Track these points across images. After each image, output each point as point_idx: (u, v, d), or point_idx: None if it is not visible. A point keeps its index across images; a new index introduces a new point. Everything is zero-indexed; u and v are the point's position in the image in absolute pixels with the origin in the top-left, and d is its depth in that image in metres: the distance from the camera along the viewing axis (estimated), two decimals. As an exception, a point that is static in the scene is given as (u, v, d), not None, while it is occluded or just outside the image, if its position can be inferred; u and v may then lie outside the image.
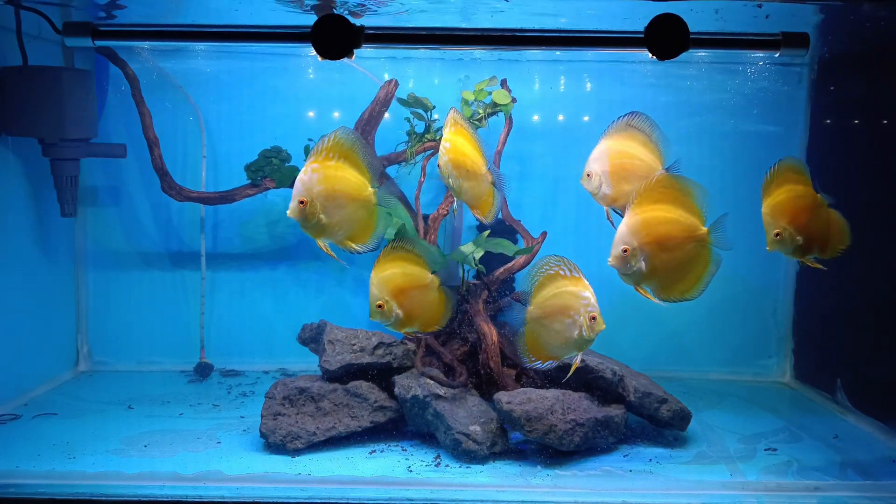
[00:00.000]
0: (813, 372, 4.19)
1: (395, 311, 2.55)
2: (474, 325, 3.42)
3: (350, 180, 2.47)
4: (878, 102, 3.71)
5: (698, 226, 2.62)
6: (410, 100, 3.71)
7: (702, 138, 4.22)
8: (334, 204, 2.43)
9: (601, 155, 2.76)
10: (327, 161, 2.43)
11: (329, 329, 3.48)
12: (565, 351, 2.70)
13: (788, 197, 2.72)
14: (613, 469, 3.01)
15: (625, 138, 2.76)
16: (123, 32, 2.91)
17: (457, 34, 2.68)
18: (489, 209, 2.93)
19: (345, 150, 2.47)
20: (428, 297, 2.68)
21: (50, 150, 3.52)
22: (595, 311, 2.59)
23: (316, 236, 2.50)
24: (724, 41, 2.76)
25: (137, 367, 4.21)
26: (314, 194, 2.40)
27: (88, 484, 2.74)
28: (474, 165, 2.85)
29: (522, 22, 3.43)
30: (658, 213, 2.59)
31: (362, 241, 2.56)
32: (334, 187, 2.43)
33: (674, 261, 2.60)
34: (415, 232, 3.55)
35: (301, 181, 2.41)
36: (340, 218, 2.47)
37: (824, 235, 2.76)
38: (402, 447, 3.17)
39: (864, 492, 2.86)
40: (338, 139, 2.46)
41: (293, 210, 2.44)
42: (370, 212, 2.55)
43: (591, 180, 2.78)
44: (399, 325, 2.62)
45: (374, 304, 2.54)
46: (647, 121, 2.75)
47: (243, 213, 4.18)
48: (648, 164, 2.73)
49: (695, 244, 2.61)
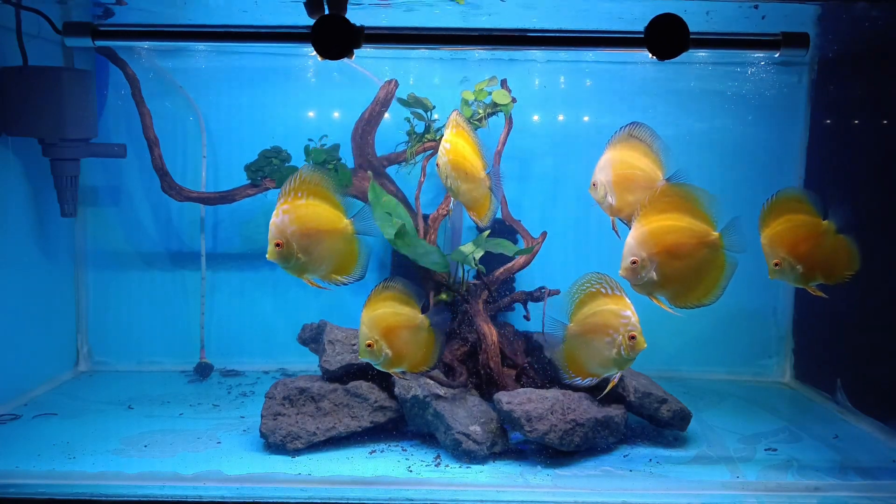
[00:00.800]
0: (813, 372, 4.19)
1: (385, 351, 2.56)
2: (474, 325, 3.42)
3: (323, 215, 2.47)
4: (878, 102, 3.71)
5: (709, 231, 2.62)
6: (410, 100, 3.71)
7: (702, 138, 4.22)
8: (311, 241, 2.44)
9: (606, 165, 2.78)
10: (297, 200, 2.43)
11: (329, 329, 3.48)
12: (605, 369, 2.71)
13: (786, 227, 2.73)
14: (613, 469, 3.01)
15: (627, 148, 2.77)
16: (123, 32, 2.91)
17: (457, 34, 2.67)
18: (485, 212, 2.95)
19: (312, 187, 2.47)
20: (417, 338, 2.68)
21: (50, 150, 3.52)
22: (635, 330, 2.59)
23: (299, 275, 2.49)
24: (724, 41, 2.75)
25: (137, 367, 4.22)
26: (288, 235, 2.41)
27: (88, 484, 2.74)
28: (473, 168, 2.87)
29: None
30: (666, 223, 2.60)
31: (347, 272, 2.56)
32: (307, 225, 2.43)
33: (687, 268, 2.60)
34: (415, 232, 3.55)
35: (274, 224, 2.41)
36: (320, 253, 2.47)
37: (828, 262, 2.75)
38: (402, 447, 3.17)
39: (864, 492, 2.86)
40: (303, 177, 2.46)
41: (271, 254, 2.44)
42: (349, 242, 2.54)
43: (597, 190, 2.79)
44: (388, 364, 2.61)
45: (364, 342, 2.54)
46: (648, 131, 2.77)
47: (243, 213, 4.18)
48: (649, 174, 2.74)
49: (708, 249, 2.61)
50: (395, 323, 2.61)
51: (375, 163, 3.77)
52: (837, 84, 4.07)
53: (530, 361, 3.49)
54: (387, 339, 2.56)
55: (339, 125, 4.09)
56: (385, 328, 2.57)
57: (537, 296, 3.54)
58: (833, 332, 4.02)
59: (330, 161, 3.74)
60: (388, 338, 2.56)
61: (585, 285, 2.71)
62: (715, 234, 2.62)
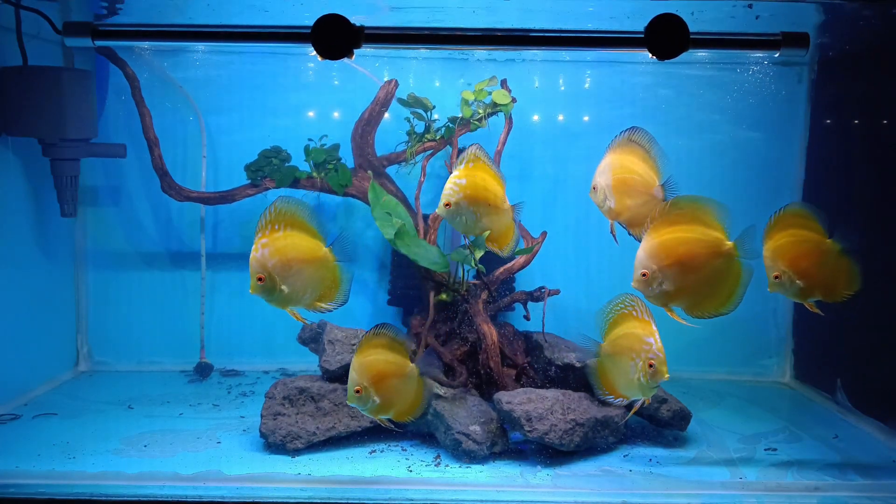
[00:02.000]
0: (813, 372, 4.19)
1: (373, 398, 2.55)
2: (474, 325, 3.42)
3: (301, 245, 2.47)
4: (878, 102, 3.71)
5: (723, 241, 2.61)
6: (410, 100, 3.71)
7: (702, 138, 4.22)
8: (292, 272, 2.44)
9: (606, 169, 2.79)
10: (274, 233, 2.43)
11: (329, 329, 3.48)
12: (631, 392, 2.72)
13: (790, 241, 2.73)
14: (613, 469, 3.01)
15: (626, 153, 2.78)
16: (123, 32, 2.91)
17: (457, 34, 2.67)
18: (508, 242, 2.96)
19: (289, 218, 2.48)
20: (406, 387, 2.67)
21: (50, 150, 3.52)
22: (656, 358, 2.58)
23: (283, 306, 2.50)
24: (724, 41, 2.75)
25: (137, 367, 4.22)
26: (269, 268, 2.41)
27: (88, 484, 2.74)
28: (496, 199, 2.86)
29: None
30: (677, 235, 2.59)
31: (330, 298, 2.57)
32: (287, 256, 2.43)
33: (702, 279, 2.60)
34: (415, 232, 3.55)
35: (254, 258, 2.41)
36: (302, 284, 2.48)
37: (829, 280, 2.76)
38: (402, 447, 3.17)
39: (864, 492, 2.86)
40: (278, 209, 2.46)
41: (254, 288, 2.44)
42: (330, 270, 2.56)
43: (597, 193, 2.80)
44: (375, 411, 2.60)
45: (353, 388, 2.53)
46: (646, 136, 2.78)
47: (243, 213, 4.18)
48: (646, 179, 2.75)
49: (722, 259, 2.60)
50: (385, 371, 2.60)
51: (375, 163, 3.77)
52: (837, 84, 4.07)
53: (530, 361, 3.49)
54: (376, 387, 2.55)
55: (339, 125, 4.09)
56: (375, 375, 2.56)
57: (537, 296, 3.54)
58: (833, 332, 4.01)
59: (330, 161, 3.75)
60: (377, 385, 2.55)
61: (619, 306, 2.73)
62: (729, 243, 2.61)
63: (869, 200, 3.73)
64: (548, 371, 3.39)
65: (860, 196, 3.81)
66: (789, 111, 4.23)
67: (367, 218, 4.12)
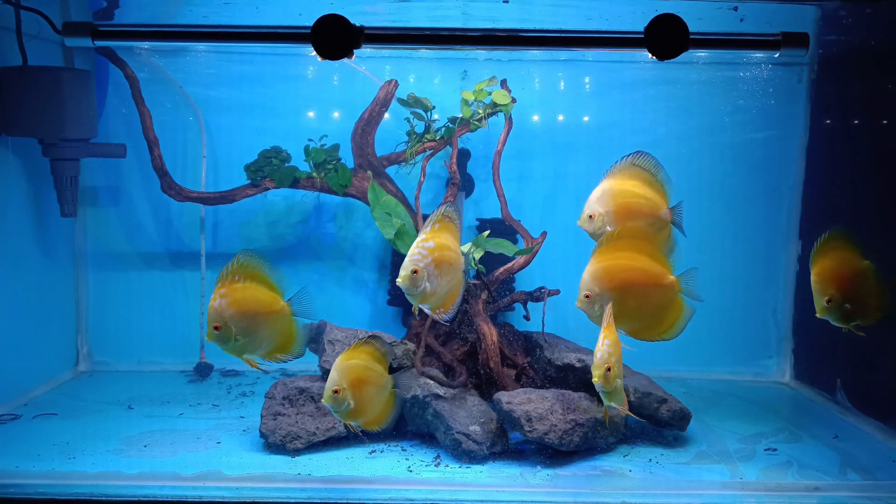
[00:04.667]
0: (813, 372, 4.19)
1: (349, 401, 2.59)
2: (474, 325, 3.42)
3: (260, 298, 2.54)
4: (878, 102, 3.71)
5: (665, 274, 2.66)
6: (410, 100, 3.71)
7: (701, 138, 4.22)
8: (249, 323, 2.51)
9: (604, 195, 2.76)
10: (234, 284, 2.50)
11: (329, 329, 3.48)
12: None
13: (836, 265, 2.72)
14: (613, 469, 3.01)
15: (629, 177, 2.76)
16: (123, 32, 2.92)
17: (457, 34, 2.68)
18: (454, 302, 2.78)
19: (249, 271, 2.54)
20: (380, 397, 2.73)
21: (50, 150, 3.52)
22: (597, 363, 2.55)
23: (239, 355, 2.56)
24: (723, 41, 2.76)
25: (137, 367, 4.21)
26: (227, 318, 2.48)
27: (88, 484, 2.74)
28: (457, 258, 2.73)
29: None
30: (621, 262, 2.64)
31: (286, 351, 2.64)
32: (244, 308, 2.50)
33: (642, 306, 2.67)
34: (415, 232, 3.55)
35: (212, 307, 2.48)
36: (258, 335, 2.55)
37: (869, 302, 2.76)
38: (401, 447, 3.17)
39: (864, 492, 2.86)
40: (240, 262, 2.53)
41: (209, 336, 2.51)
42: (287, 323, 2.62)
43: (594, 221, 2.76)
44: (347, 414, 2.64)
45: (332, 387, 2.57)
46: (651, 160, 2.76)
47: (243, 213, 4.18)
48: (653, 202, 2.73)
49: (663, 291, 2.66)
50: (365, 377, 2.65)
51: (375, 163, 3.77)
52: (837, 84, 4.07)
53: (530, 361, 3.49)
54: (353, 390, 2.59)
55: (339, 125, 4.09)
56: (355, 379, 2.60)
57: (537, 296, 3.54)
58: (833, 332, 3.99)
59: (330, 161, 3.75)
60: (354, 389, 2.60)
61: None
62: (671, 277, 2.67)
63: (869, 200, 3.73)
64: (548, 371, 3.39)
65: (860, 196, 3.81)
66: (789, 111, 4.23)
67: (367, 218, 4.12)
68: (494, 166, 3.74)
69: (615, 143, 4.23)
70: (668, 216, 2.70)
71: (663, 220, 2.71)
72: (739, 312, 4.32)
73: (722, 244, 4.25)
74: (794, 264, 4.30)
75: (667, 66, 4.13)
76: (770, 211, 4.30)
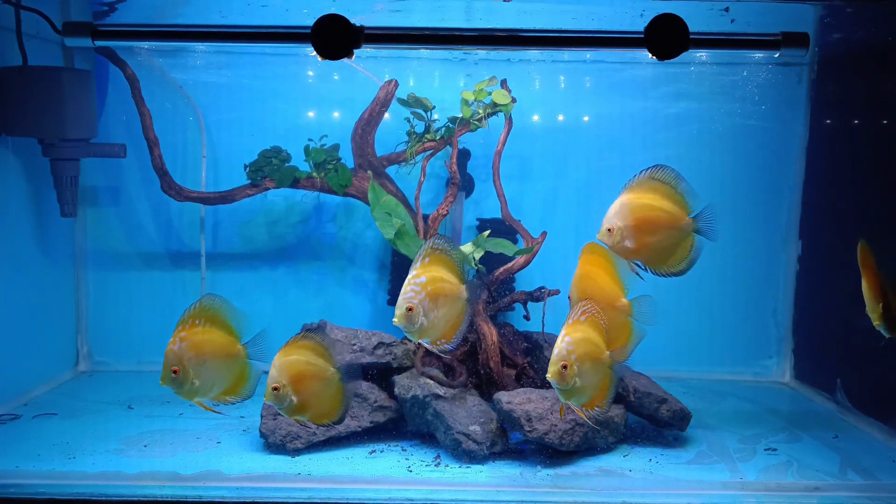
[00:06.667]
0: (813, 372, 4.19)
1: (290, 397, 2.59)
2: (474, 325, 3.42)
3: (218, 342, 2.58)
4: (878, 102, 3.71)
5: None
6: (410, 100, 3.71)
7: (702, 138, 4.22)
8: (206, 367, 2.54)
9: (622, 209, 2.74)
10: (194, 328, 2.54)
11: (329, 329, 3.48)
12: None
13: (881, 276, 2.73)
14: (613, 469, 3.01)
15: (648, 191, 2.75)
16: (123, 32, 2.91)
17: (457, 34, 2.68)
18: (457, 330, 2.75)
19: (210, 314, 2.58)
20: (326, 390, 2.70)
21: (50, 150, 3.52)
22: (555, 360, 2.51)
23: (191, 398, 2.58)
24: (724, 41, 2.76)
25: (137, 367, 4.21)
26: (185, 362, 2.51)
27: (88, 484, 2.74)
28: (453, 288, 2.70)
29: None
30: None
31: (235, 393, 2.67)
32: (203, 351, 2.54)
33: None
34: (415, 232, 3.55)
35: (171, 350, 2.51)
36: (214, 378, 2.58)
37: None
38: (401, 447, 3.17)
39: (864, 492, 2.86)
40: (202, 306, 2.58)
41: (165, 379, 2.53)
42: (241, 366, 2.66)
43: (612, 235, 2.74)
44: (291, 410, 2.63)
45: (271, 385, 2.58)
46: (671, 173, 2.74)
47: (243, 213, 4.18)
48: (674, 214, 2.72)
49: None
50: (305, 372, 2.64)
51: (375, 163, 3.77)
52: (837, 84, 4.07)
53: (530, 361, 3.49)
54: (294, 386, 2.59)
55: (339, 125, 4.09)
56: (294, 375, 2.60)
57: (537, 296, 3.54)
58: (833, 332, 4.01)
59: (330, 161, 3.75)
60: (295, 385, 2.60)
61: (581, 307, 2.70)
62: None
63: (869, 200, 3.73)
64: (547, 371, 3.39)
65: (860, 196, 3.81)
66: (789, 111, 4.23)
67: (367, 218, 4.12)
68: (494, 166, 3.74)
69: (615, 144, 4.23)
70: (689, 226, 2.71)
71: (684, 231, 2.72)
72: (739, 312, 4.32)
73: (722, 244, 4.22)
74: (794, 264, 4.30)
75: (666, 66, 4.13)
76: (770, 211, 4.30)
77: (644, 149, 4.24)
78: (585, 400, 2.62)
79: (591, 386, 2.59)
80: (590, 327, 2.62)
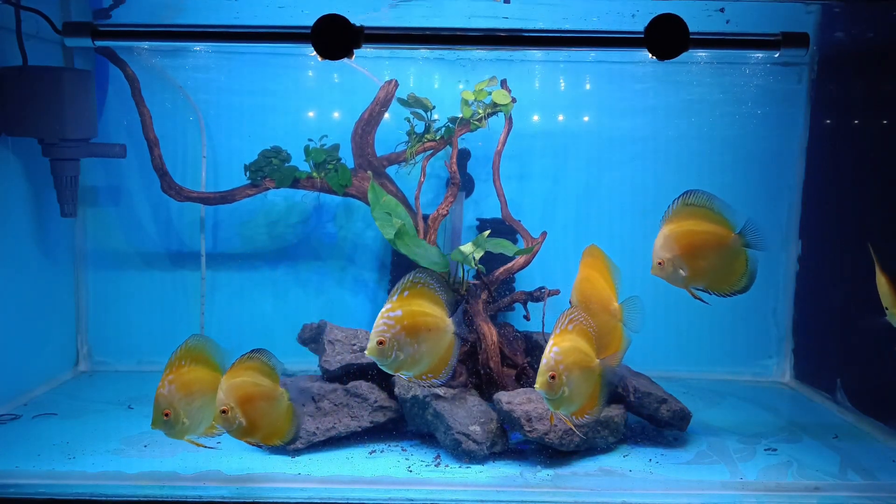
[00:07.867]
0: (813, 372, 4.19)
1: (239, 419, 2.61)
2: (474, 325, 3.42)
3: (204, 380, 2.62)
4: (878, 102, 3.71)
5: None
6: (410, 100, 3.71)
7: (702, 138, 4.22)
8: (194, 406, 2.58)
9: (666, 240, 2.75)
10: (181, 369, 2.59)
11: (329, 329, 3.48)
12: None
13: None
14: (613, 469, 3.01)
15: (686, 217, 2.76)
16: (123, 32, 2.91)
17: (457, 34, 2.68)
18: (446, 364, 2.69)
19: (195, 355, 2.63)
20: (275, 410, 2.73)
21: (50, 150, 3.52)
22: (543, 371, 2.49)
23: (181, 437, 2.60)
24: (724, 41, 2.76)
25: (137, 367, 4.21)
26: (176, 403, 2.55)
27: (88, 484, 2.74)
28: (436, 321, 2.64)
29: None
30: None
31: (214, 427, 2.71)
32: (192, 391, 2.58)
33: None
34: (415, 232, 3.55)
35: (160, 395, 2.55)
36: (202, 415, 2.62)
37: None
38: (401, 447, 3.17)
39: (864, 492, 2.86)
40: (188, 347, 2.62)
41: (157, 423, 2.56)
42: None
43: (664, 267, 2.75)
44: (241, 433, 2.65)
45: (219, 408, 2.60)
46: (703, 195, 2.75)
47: (243, 213, 4.18)
48: (718, 234, 2.74)
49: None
50: (252, 393, 2.65)
51: (375, 163, 3.77)
52: (837, 84, 4.07)
53: (530, 361, 3.49)
54: (242, 408, 2.61)
55: (339, 125, 4.09)
56: (241, 396, 2.62)
57: (537, 296, 3.55)
58: (833, 332, 4.01)
59: (330, 161, 3.75)
60: (243, 406, 2.62)
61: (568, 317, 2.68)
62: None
63: (869, 200, 3.73)
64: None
65: (860, 196, 3.81)
66: (789, 111, 4.23)
67: (367, 218, 4.12)
68: (494, 166, 3.74)
69: (615, 144, 4.23)
70: (737, 243, 2.72)
71: (733, 248, 2.73)
72: (739, 312, 4.31)
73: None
74: (794, 264, 4.30)
75: (666, 66, 4.13)
76: (770, 211, 4.30)
77: (644, 149, 4.24)
78: (575, 408, 2.60)
79: (580, 394, 2.57)
80: (578, 335, 2.60)
